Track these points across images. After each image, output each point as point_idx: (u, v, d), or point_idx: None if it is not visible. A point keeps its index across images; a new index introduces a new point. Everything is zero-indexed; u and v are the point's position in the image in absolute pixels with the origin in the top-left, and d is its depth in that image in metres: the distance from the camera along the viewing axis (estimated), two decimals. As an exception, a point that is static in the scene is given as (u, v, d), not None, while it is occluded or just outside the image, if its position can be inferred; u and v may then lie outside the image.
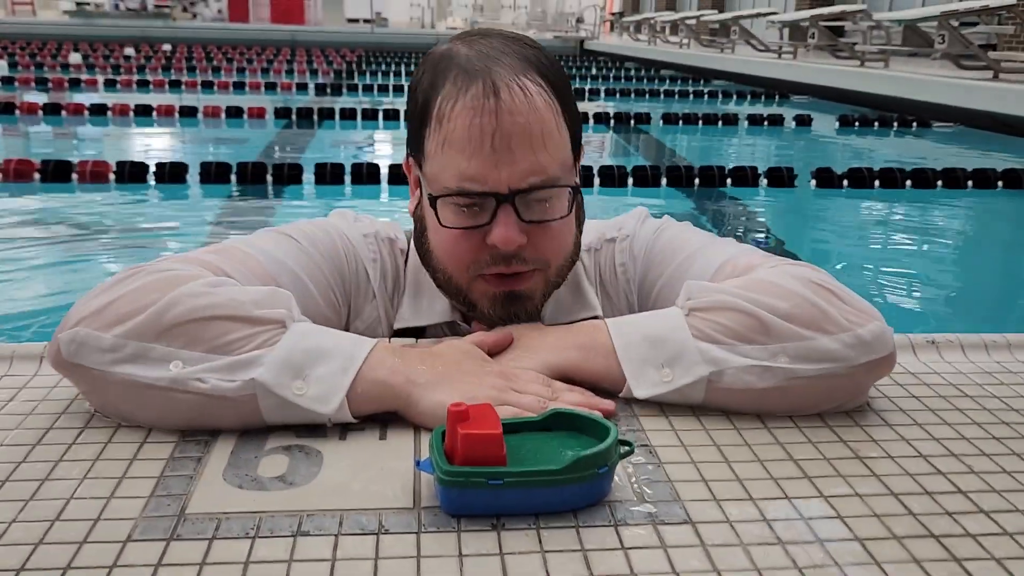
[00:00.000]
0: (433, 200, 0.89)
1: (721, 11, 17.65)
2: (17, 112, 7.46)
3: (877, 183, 5.06)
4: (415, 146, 0.93)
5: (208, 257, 0.88)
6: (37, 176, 4.66)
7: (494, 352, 0.87)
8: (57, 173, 4.67)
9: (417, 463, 0.69)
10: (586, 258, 1.06)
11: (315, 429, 0.78)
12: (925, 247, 4.35)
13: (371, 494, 0.67)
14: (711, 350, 0.80)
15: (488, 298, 0.93)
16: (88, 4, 28.93)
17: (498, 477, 0.63)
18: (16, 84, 9.75)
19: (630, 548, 0.61)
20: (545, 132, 0.87)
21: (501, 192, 0.87)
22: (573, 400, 0.79)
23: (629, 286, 1.05)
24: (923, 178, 5.07)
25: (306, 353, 0.75)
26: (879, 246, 4.37)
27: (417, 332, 1.03)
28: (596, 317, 1.02)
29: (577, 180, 0.95)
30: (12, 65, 11.49)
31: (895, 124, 7.98)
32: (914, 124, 7.87)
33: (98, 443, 0.75)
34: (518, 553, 0.60)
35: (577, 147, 0.95)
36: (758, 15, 13.87)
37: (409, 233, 1.05)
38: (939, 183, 5.04)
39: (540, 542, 0.62)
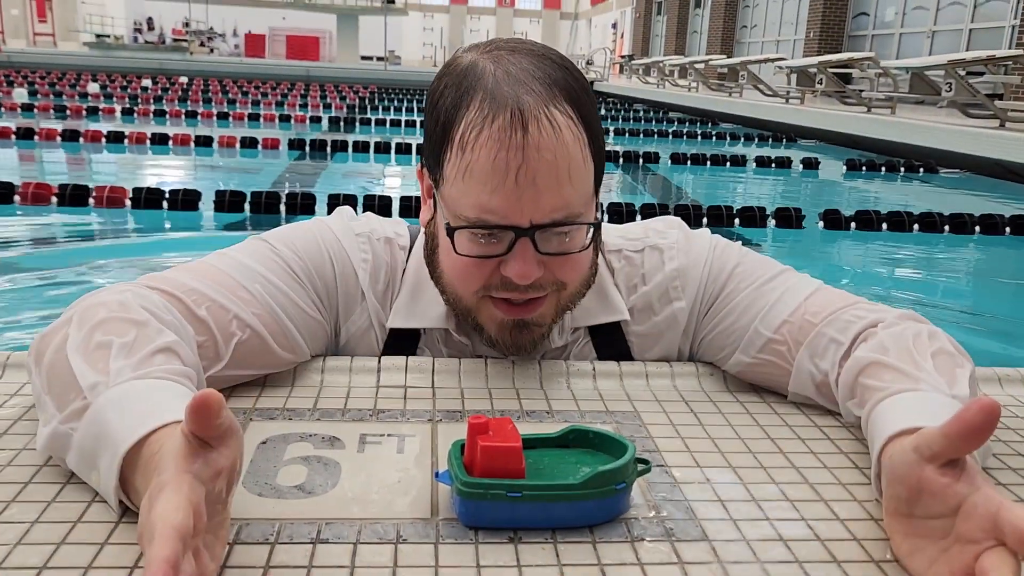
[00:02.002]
0: (451, 230, 0.87)
1: (730, 56, 17.88)
2: (36, 138, 7.57)
3: (885, 226, 5.08)
4: (432, 163, 0.90)
5: (181, 276, 0.88)
6: (54, 200, 4.72)
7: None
8: (74, 198, 4.73)
9: (436, 474, 0.69)
10: (615, 261, 1.02)
11: (333, 441, 0.78)
12: (933, 289, 4.35)
13: (389, 504, 0.68)
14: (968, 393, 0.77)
15: (496, 323, 0.91)
16: (107, 36, 29.48)
17: (517, 490, 0.64)
18: (36, 111, 9.90)
19: (647, 564, 0.61)
20: (572, 168, 0.84)
21: (522, 226, 0.85)
22: None
23: (678, 293, 1.01)
24: (930, 222, 5.08)
25: (95, 439, 0.66)
26: (887, 287, 4.37)
27: (412, 335, 1.01)
28: (621, 321, 1.01)
29: (598, 215, 0.92)
30: (32, 93, 11.69)
31: (902, 169, 8.03)
32: (921, 170, 7.92)
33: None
34: (535, 566, 0.61)
35: (600, 173, 0.92)
36: (766, 60, 14.04)
37: (414, 231, 1.03)
38: (946, 228, 5.06)
39: (557, 556, 0.62)
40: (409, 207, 4.70)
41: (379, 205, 4.77)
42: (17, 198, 4.71)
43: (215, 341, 0.85)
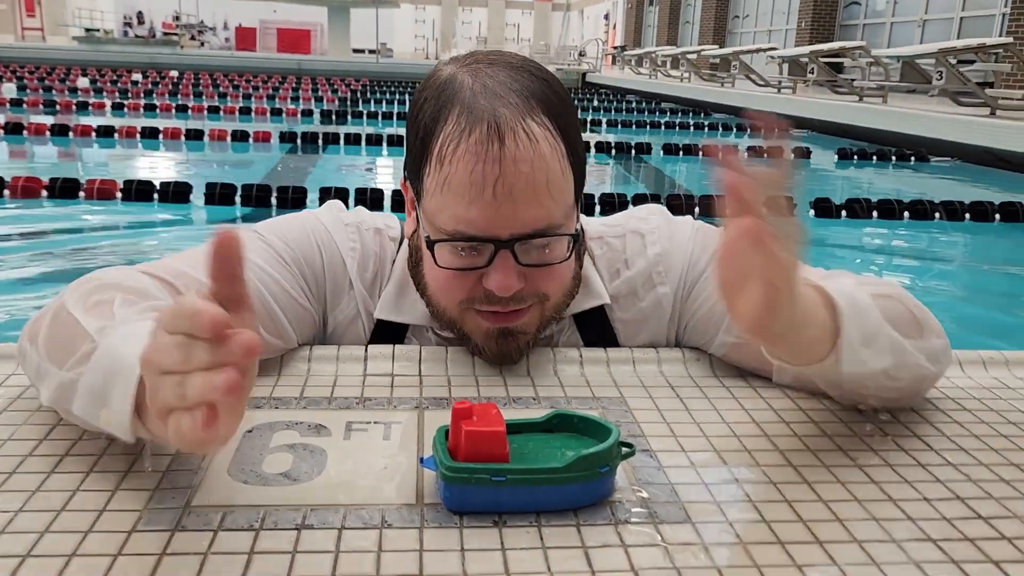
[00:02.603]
0: (431, 243, 0.88)
1: (722, 46, 17.86)
2: (25, 133, 7.52)
3: (875, 214, 5.09)
4: (413, 176, 0.91)
5: (171, 262, 0.89)
6: (44, 193, 4.70)
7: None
8: (64, 191, 4.71)
9: (421, 460, 0.69)
10: (596, 247, 1.03)
11: (319, 429, 0.78)
12: (923, 275, 4.37)
13: (374, 490, 0.68)
14: (894, 338, 0.80)
15: (481, 332, 0.92)
16: (97, 31, 29.30)
17: (501, 474, 0.64)
18: (25, 106, 9.84)
19: (631, 546, 0.62)
20: (550, 179, 0.84)
21: (501, 238, 0.85)
22: None
23: (662, 278, 1.01)
24: (921, 210, 5.10)
25: (106, 375, 0.65)
26: (877, 273, 4.39)
27: (399, 330, 1.01)
28: (605, 308, 1.02)
29: (579, 225, 0.93)
30: (21, 88, 11.61)
31: (893, 158, 8.04)
32: (912, 158, 7.94)
33: (103, 440, 0.75)
34: (519, 549, 0.61)
35: (581, 184, 0.93)
36: (758, 50, 14.04)
37: (403, 223, 1.04)
38: (937, 215, 5.08)
39: (541, 539, 0.62)
40: (401, 201, 4.67)
41: (371, 198, 4.76)
42: (7, 192, 4.69)
43: None
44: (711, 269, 0.99)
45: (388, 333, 1.01)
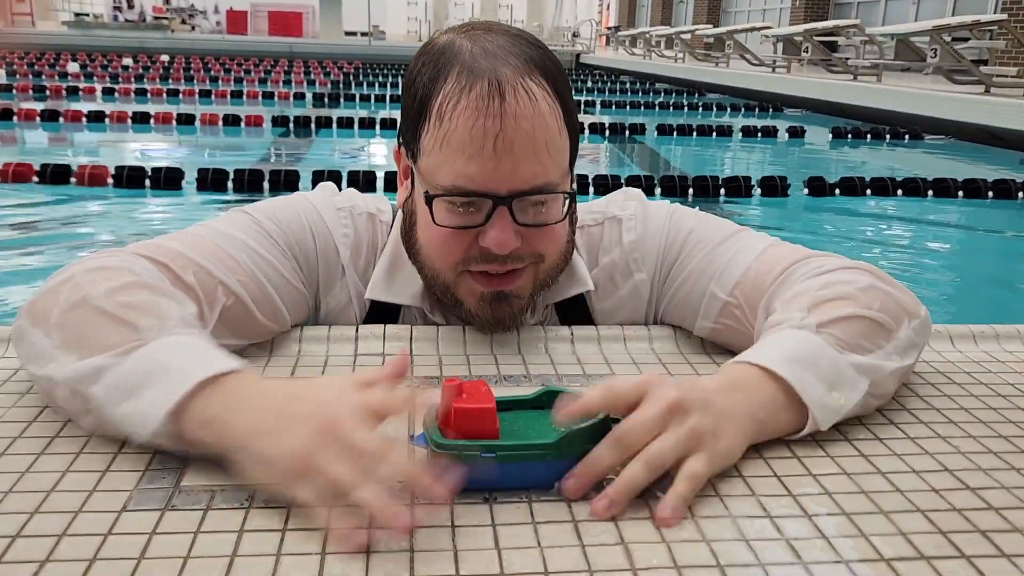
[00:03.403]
0: (429, 199, 0.87)
1: (716, 26, 17.77)
2: (15, 119, 7.47)
3: (869, 192, 5.10)
4: (410, 138, 0.91)
5: (167, 242, 0.88)
6: (35, 179, 4.67)
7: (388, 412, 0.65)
8: (55, 176, 4.68)
9: (411, 437, 0.69)
10: (578, 235, 1.03)
11: (310, 409, 0.78)
12: (916, 251, 4.38)
13: (365, 468, 0.68)
14: (859, 363, 0.76)
15: (475, 297, 0.92)
16: (87, 15, 29.03)
17: (491, 450, 0.64)
18: (14, 92, 9.76)
19: (621, 521, 0.62)
20: (548, 138, 0.85)
21: (499, 194, 0.85)
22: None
23: (638, 264, 1.02)
24: (914, 187, 5.11)
25: (146, 374, 0.67)
26: (871, 251, 4.40)
27: (392, 311, 1.01)
28: (586, 296, 1.02)
29: (574, 186, 0.93)
30: (11, 74, 11.51)
31: (887, 136, 8.03)
32: (906, 136, 7.93)
33: (94, 421, 0.75)
34: (510, 524, 0.61)
35: (575, 150, 0.93)
36: (752, 29, 13.96)
37: (395, 208, 1.04)
38: (930, 192, 5.08)
39: (532, 515, 0.62)
40: (393, 183, 4.66)
41: (363, 180, 4.74)
42: (-3, 178, 4.66)
43: (200, 307, 0.85)
44: (685, 252, 1.00)
45: (380, 318, 1.01)
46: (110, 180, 4.73)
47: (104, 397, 0.68)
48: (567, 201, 0.90)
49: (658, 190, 5.06)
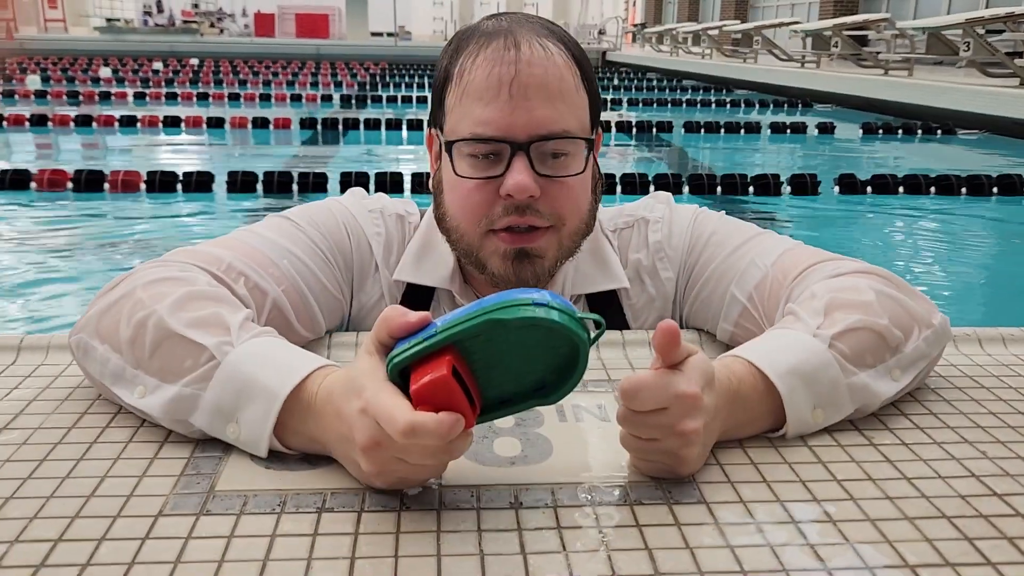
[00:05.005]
0: (449, 146, 0.91)
1: (743, 21, 17.61)
2: (50, 124, 7.62)
3: (901, 190, 5.03)
4: (437, 110, 0.96)
5: (215, 250, 0.90)
6: (70, 185, 4.76)
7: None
8: (89, 183, 4.77)
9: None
10: (612, 238, 1.06)
11: (339, 414, 0.80)
12: (949, 251, 4.31)
13: (393, 474, 0.69)
14: (857, 386, 0.77)
15: (499, 255, 0.93)
16: (118, 21, 29.51)
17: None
18: (49, 98, 9.95)
19: (645, 526, 0.63)
20: (563, 87, 0.89)
21: (517, 140, 0.88)
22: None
23: (664, 264, 1.04)
24: (947, 185, 5.03)
25: (236, 394, 0.71)
26: (905, 251, 4.34)
27: (424, 300, 1.03)
28: (619, 292, 1.04)
29: (594, 138, 0.95)
30: (45, 80, 11.74)
31: (919, 132, 7.91)
32: (939, 132, 7.81)
33: (130, 427, 0.77)
34: (535, 529, 0.62)
35: (596, 113, 0.96)
36: (780, 25, 13.83)
37: (423, 210, 1.07)
38: (963, 190, 5.00)
39: (557, 519, 0.63)
40: (421, 183, 4.70)
41: (391, 182, 4.78)
42: (33, 184, 4.76)
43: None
44: (707, 254, 1.01)
45: (412, 306, 1.02)
46: (142, 185, 4.81)
47: (208, 426, 0.72)
48: (587, 151, 0.92)
49: (686, 188, 5.03)
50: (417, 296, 1.02)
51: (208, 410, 0.71)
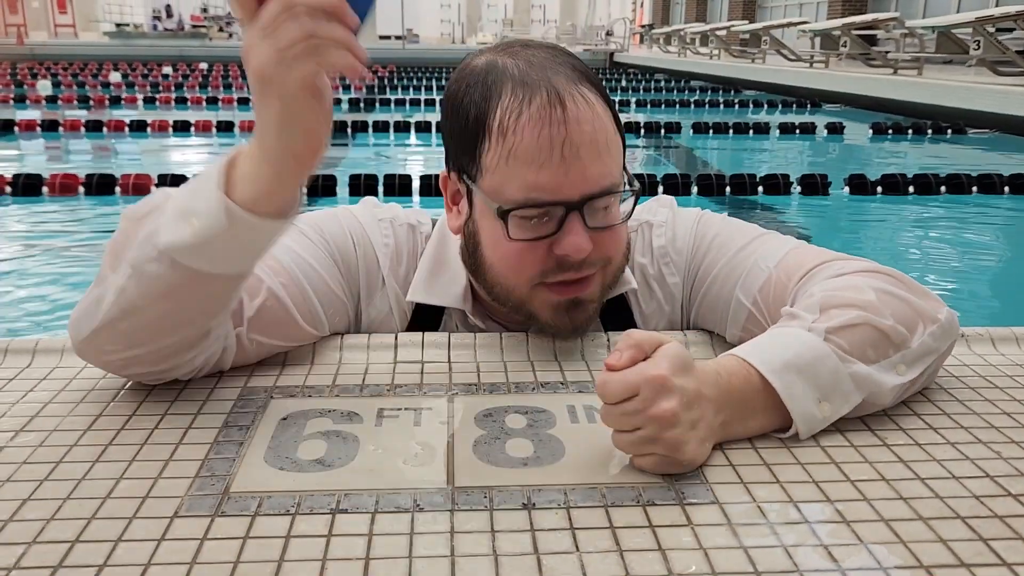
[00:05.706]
0: (504, 213, 0.88)
1: (752, 21, 17.57)
2: (61, 129, 7.67)
3: (912, 189, 5.01)
4: (466, 160, 0.91)
5: None
6: (82, 190, 4.80)
7: None
8: (101, 187, 4.80)
9: None
10: None
11: (351, 416, 0.80)
12: (961, 251, 4.29)
13: (406, 475, 0.70)
14: (860, 375, 0.77)
15: (551, 307, 0.92)
16: (127, 25, 29.68)
17: None
18: (60, 103, 10.02)
19: (658, 526, 0.63)
20: (608, 139, 0.88)
21: (572, 200, 0.86)
22: None
23: (670, 269, 1.04)
24: (958, 184, 5.00)
25: (189, 195, 0.75)
26: (916, 251, 4.32)
27: (433, 318, 1.03)
28: (629, 296, 1.04)
29: (636, 184, 0.95)
30: (55, 85, 11.82)
31: (929, 131, 7.88)
32: (949, 131, 7.77)
33: (145, 429, 0.78)
34: (548, 530, 0.62)
35: (625, 150, 0.95)
36: (789, 24, 13.79)
37: (435, 219, 1.06)
38: (974, 189, 4.98)
39: (570, 520, 0.63)
40: (429, 186, 4.71)
41: (399, 184, 4.78)
42: (45, 189, 4.79)
43: (241, 302, 0.88)
44: (711, 256, 1.01)
45: (421, 325, 1.03)
46: (154, 189, 4.83)
47: (172, 238, 0.74)
48: (632, 199, 0.93)
49: (694, 189, 5.02)
50: (428, 313, 1.03)
51: (170, 221, 0.74)
